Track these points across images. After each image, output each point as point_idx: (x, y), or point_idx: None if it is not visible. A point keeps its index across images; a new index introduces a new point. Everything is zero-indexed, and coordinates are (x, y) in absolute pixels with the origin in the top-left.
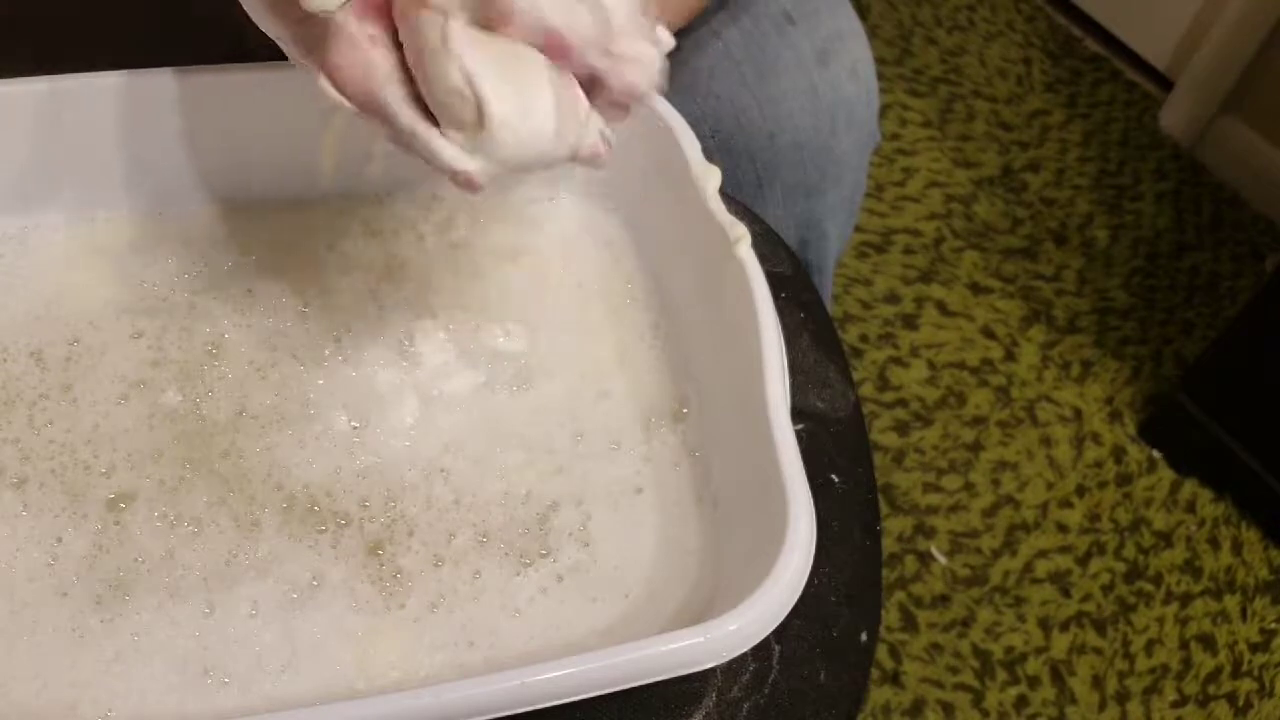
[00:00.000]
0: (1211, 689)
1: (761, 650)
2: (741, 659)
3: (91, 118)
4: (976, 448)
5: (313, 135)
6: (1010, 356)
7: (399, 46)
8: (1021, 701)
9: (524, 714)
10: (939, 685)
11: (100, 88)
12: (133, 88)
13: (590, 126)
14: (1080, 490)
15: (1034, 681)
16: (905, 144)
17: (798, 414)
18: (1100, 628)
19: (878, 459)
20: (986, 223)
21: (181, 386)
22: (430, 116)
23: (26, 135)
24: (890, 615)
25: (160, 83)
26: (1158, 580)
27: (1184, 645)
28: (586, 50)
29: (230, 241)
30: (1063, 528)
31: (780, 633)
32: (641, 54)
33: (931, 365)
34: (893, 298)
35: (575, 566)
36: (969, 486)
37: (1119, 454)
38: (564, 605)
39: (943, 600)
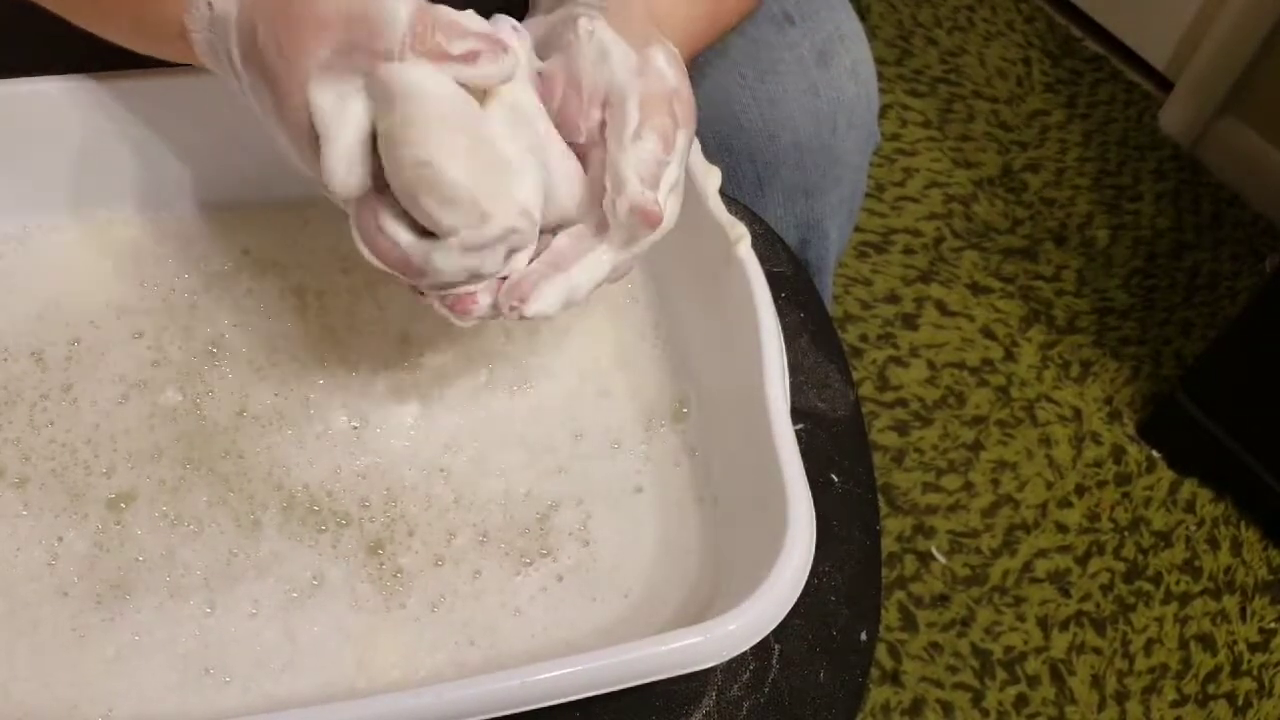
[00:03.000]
0: (1211, 688)
1: (761, 649)
2: (741, 658)
3: (93, 119)
4: (976, 447)
5: None
6: (1010, 356)
7: None
8: (1021, 701)
9: (524, 713)
10: (938, 684)
11: (102, 89)
12: (135, 89)
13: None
14: (1080, 490)
15: (1033, 681)
16: (905, 144)
17: (798, 414)
18: (1100, 627)
19: (877, 459)
20: (986, 223)
21: (182, 386)
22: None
23: (28, 136)
24: (890, 614)
25: (161, 84)
26: (1157, 580)
27: (1183, 645)
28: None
29: (230, 241)
30: (1062, 527)
31: (780, 632)
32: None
33: (931, 365)
34: (892, 298)
35: (575, 566)
36: (968, 486)
37: (1118, 454)
38: (564, 604)
39: (942, 600)
